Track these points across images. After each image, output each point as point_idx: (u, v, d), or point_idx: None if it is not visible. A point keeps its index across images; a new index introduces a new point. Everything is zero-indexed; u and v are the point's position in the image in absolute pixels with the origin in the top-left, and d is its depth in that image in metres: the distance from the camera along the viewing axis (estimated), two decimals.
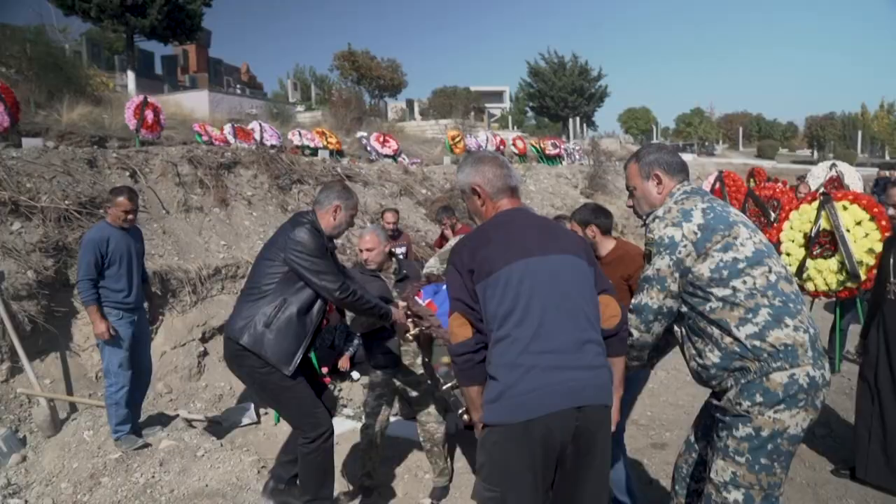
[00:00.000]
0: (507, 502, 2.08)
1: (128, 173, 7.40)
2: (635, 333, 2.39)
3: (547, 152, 18.57)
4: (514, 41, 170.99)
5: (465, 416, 2.50)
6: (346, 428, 5.08)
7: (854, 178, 11.07)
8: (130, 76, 18.86)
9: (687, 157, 26.93)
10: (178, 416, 5.16)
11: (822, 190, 10.24)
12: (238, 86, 27.22)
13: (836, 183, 10.61)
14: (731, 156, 39.62)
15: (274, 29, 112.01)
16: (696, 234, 2.22)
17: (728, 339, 2.17)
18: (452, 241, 4.00)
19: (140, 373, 4.75)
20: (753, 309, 2.13)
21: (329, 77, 31.82)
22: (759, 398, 2.10)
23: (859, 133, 43.81)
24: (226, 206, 7.87)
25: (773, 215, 7.80)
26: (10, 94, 7.66)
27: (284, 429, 5.17)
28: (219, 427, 5.29)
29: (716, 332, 2.20)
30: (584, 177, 17.41)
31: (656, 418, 5.41)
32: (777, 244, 6.17)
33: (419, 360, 3.76)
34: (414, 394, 4.00)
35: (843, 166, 11.42)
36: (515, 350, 2.09)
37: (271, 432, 5.21)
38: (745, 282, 2.15)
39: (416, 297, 3.25)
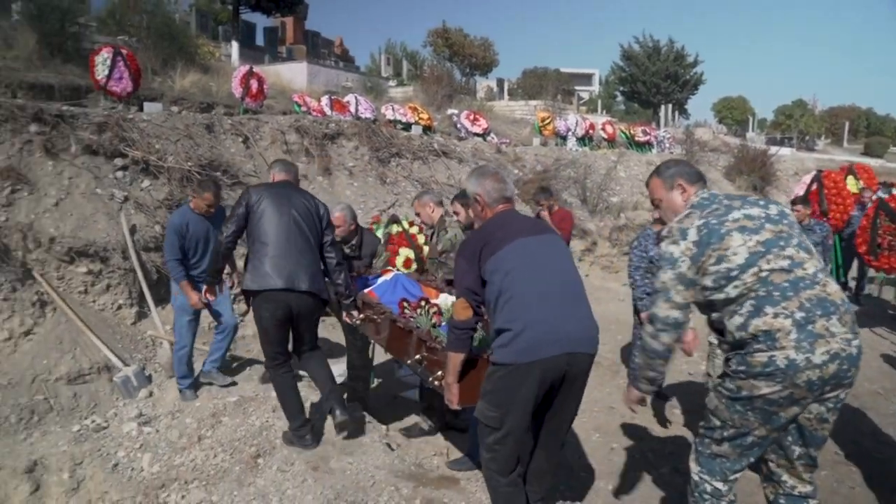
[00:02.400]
0: (504, 420, 2.70)
1: (241, 139, 7.85)
2: (646, 339, 2.66)
3: (637, 139, 18.20)
4: (605, 23, 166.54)
5: (437, 383, 3.12)
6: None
7: None
8: (234, 46, 19.60)
9: (785, 151, 25.72)
10: None
11: None
12: (332, 58, 27.84)
13: None
14: (834, 152, 37.46)
15: (367, 4, 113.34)
16: (691, 249, 2.52)
17: (727, 330, 2.49)
18: None
19: (224, 328, 5.11)
20: (741, 303, 2.42)
21: (420, 53, 32.09)
22: (742, 368, 2.41)
23: None
24: (329, 175, 8.24)
25: None
26: (133, 62, 8.22)
27: (380, 391, 5.46)
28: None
29: (722, 325, 2.53)
30: None
31: None
32: None
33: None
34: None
35: None
36: (524, 306, 2.65)
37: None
38: (735, 286, 2.43)
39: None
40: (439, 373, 3.08)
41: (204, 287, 4.32)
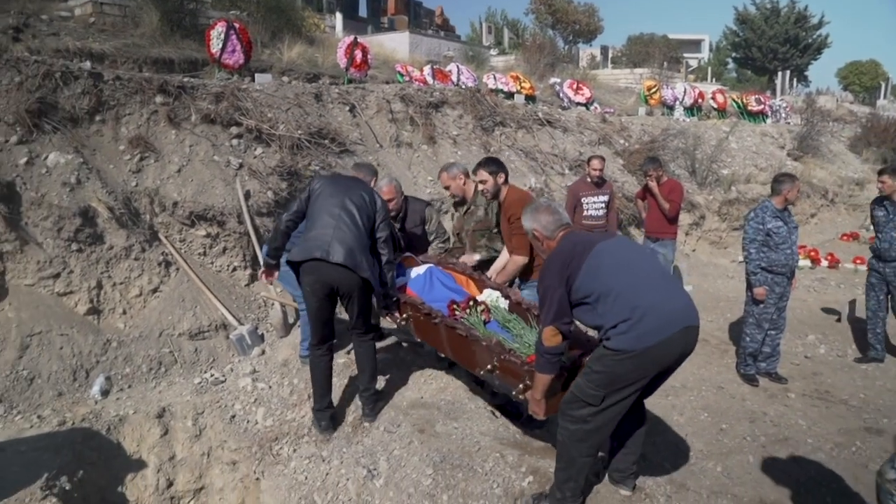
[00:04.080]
0: (605, 398, 2.89)
1: (347, 108, 8.00)
2: None
3: (749, 108, 17.11)
4: None
5: (521, 397, 3.27)
6: None
7: None
8: (338, 18, 19.94)
9: None
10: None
11: None
12: (433, 28, 27.81)
13: None
14: None
15: None
16: None
17: None
18: None
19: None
20: None
21: (521, 21, 31.47)
22: None
23: None
24: (433, 143, 8.27)
25: None
26: (245, 35, 8.49)
27: None
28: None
29: None
30: (792, 137, 15.87)
31: (870, 402, 5.01)
32: None
33: None
34: None
35: None
36: (636, 296, 2.85)
37: None
38: None
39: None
40: (521, 386, 3.25)
41: (261, 269, 4.40)
